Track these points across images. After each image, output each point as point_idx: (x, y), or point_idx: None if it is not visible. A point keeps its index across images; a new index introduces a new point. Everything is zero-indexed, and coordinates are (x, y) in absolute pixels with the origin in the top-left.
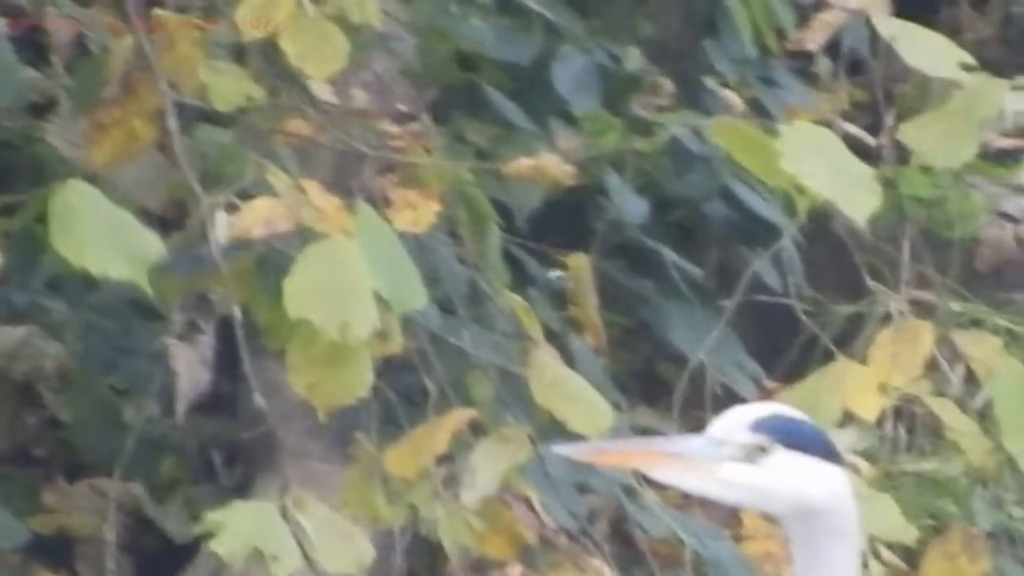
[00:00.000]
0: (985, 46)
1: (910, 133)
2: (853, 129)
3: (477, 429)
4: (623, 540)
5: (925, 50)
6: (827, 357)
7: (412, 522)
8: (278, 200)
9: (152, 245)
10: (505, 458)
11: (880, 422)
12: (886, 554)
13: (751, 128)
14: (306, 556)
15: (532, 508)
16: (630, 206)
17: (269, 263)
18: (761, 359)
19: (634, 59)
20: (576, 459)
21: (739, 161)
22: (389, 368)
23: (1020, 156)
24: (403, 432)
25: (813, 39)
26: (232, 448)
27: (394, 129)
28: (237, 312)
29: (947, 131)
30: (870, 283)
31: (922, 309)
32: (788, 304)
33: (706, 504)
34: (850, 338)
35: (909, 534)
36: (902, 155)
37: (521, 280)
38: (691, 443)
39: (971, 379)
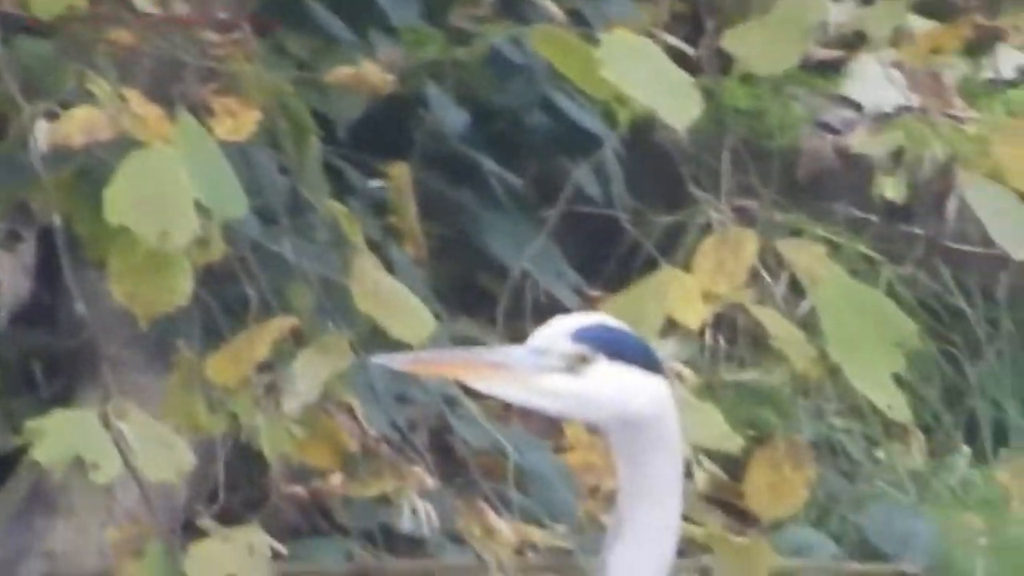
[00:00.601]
0: None
1: (732, 41)
2: (674, 40)
3: (298, 338)
4: (444, 450)
5: None
6: (650, 266)
7: (233, 430)
8: (99, 109)
9: None
10: (326, 367)
11: (702, 331)
12: (709, 464)
13: (572, 37)
14: (127, 463)
15: (354, 417)
16: (450, 116)
17: (90, 172)
18: (583, 269)
19: None
20: (397, 369)
21: (560, 71)
22: (210, 277)
23: (841, 67)
24: (224, 341)
25: None
26: (53, 358)
27: (215, 38)
28: (58, 221)
29: (770, 39)
30: (692, 192)
31: (744, 218)
32: (610, 214)
33: (527, 415)
34: (672, 248)
35: (733, 443)
36: (724, 66)
37: (342, 190)
38: (512, 353)
39: (794, 289)
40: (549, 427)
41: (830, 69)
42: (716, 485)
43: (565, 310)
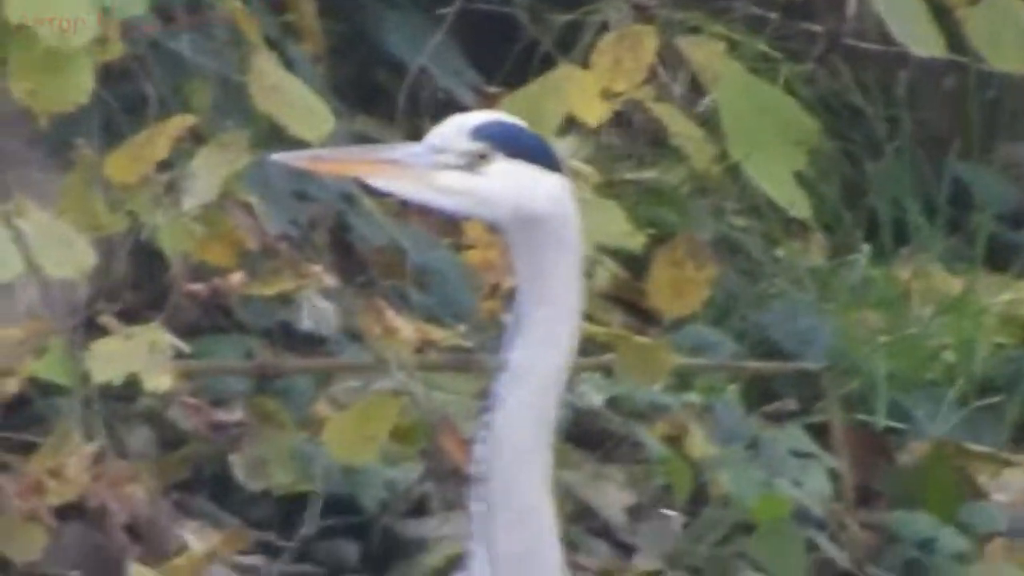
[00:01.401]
0: None
1: None
2: None
3: (197, 136)
4: (343, 248)
5: None
6: (548, 64)
7: (133, 229)
8: None
9: None
10: (225, 165)
11: (602, 129)
12: (610, 262)
13: None
14: (27, 261)
15: (252, 215)
16: None
17: None
18: (481, 67)
19: None
20: (295, 166)
21: None
22: (109, 76)
23: None
24: (123, 140)
25: None
26: None
27: None
28: None
29: None
30: None
31: (643, 16)
32: (508, 11)
33: (427, 213)
34: (571, 45)
35: (634, 241)
36: None
37: None
38: (410, 151)
39: (694, 87)
40: (449, 226)
41: None
42: (617, 284)
43: (463, 108)
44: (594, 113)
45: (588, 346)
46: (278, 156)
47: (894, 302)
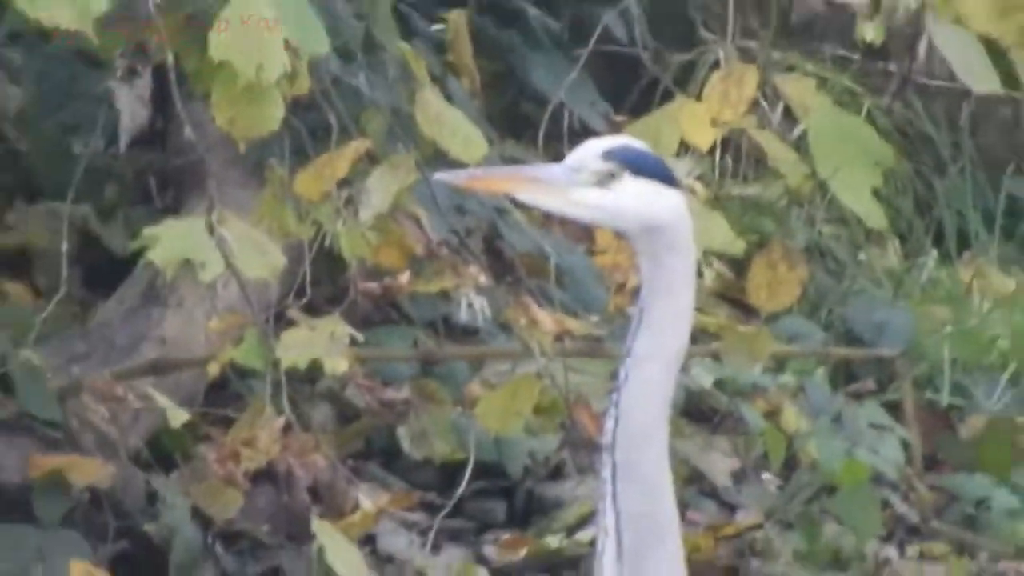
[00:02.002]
0: None
1: None
2: None
3: (372, 158)
4: (495, 253)
5: None
6: (666, 97)
7: (317, 236)
8: None
9: (101, 3)
10: (395, 182)
11: (712, 152)
12: (717, 264)
13: None
14: (228, 264)
15: (419, 225)
16: None
17: (196, 16)
18: (611, 99)
19: None
20: (455, 184)
21: None
22: (298, 106)
23: None
24: (310, 160)
25: None
26: (165, 175)
27: None
28: (170, 59)
29: None
30: (703, 34)
31: (746, 57)
32: (633, 52)
33: (564, 223)
34: (686, 81)
35: (737, 247)
36: None
37: (408, 33)
38: (551, 170)
39: (788, 116)
40: (583, 233)
41: None
42: (723, 283)
43: (595, 134)
44: (705, 138)
45: (699, 335)
46: (440, 175)
47: (957, 298)
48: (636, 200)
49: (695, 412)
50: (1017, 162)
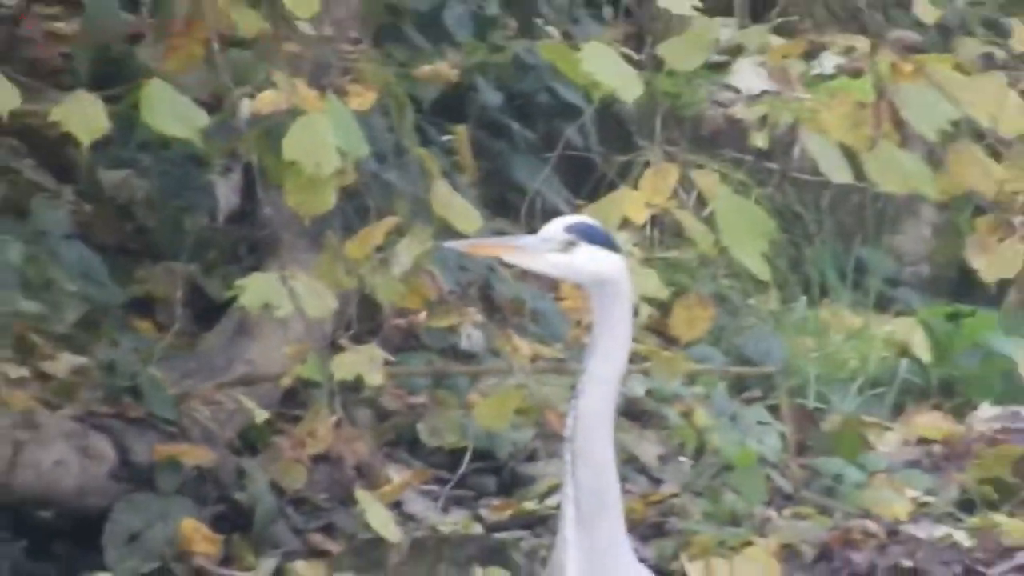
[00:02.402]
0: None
1: (663, 49)
2: (626, 49)
3: (400, 231)
4: (487, 299)
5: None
6: (612, 187)
7: (361, 287)
8: (279, 92)
9: (203, 119)
10: (416, 248)
11: (644, 226)
12: (648, 307)
13: (564, 47)
14: (296, 306)
15: (433, 278)
16: (490, 97)
17: (273, 129)
18: (572, 189)
19: (492, 6)
20: (460, 250)
21: (558, 68)
22: (346, 193)
23: (728, 66)
24: (355, 232)
25: None
26: (251, 242)
27: (349, 48)
28: (255, 160)
29: (685, 49)
30: (638, 141)
31: (669, 157)
32: (588, 155)
33: (538, 277)
34: (626, 176)
35: (662, 294)
36: (657, 65)
37: (425, 141)
38: (528, 240)
39: (700, 201)
40: (551, 285)
41: (721, 67)
42: (652, 320)
43: (560, 213)
44: (640, 217)
45: (635, 357)
46: (449, 244)
47: (819, 331)
48: (589, 261)
49: (632, 413)
50: (863, 234)
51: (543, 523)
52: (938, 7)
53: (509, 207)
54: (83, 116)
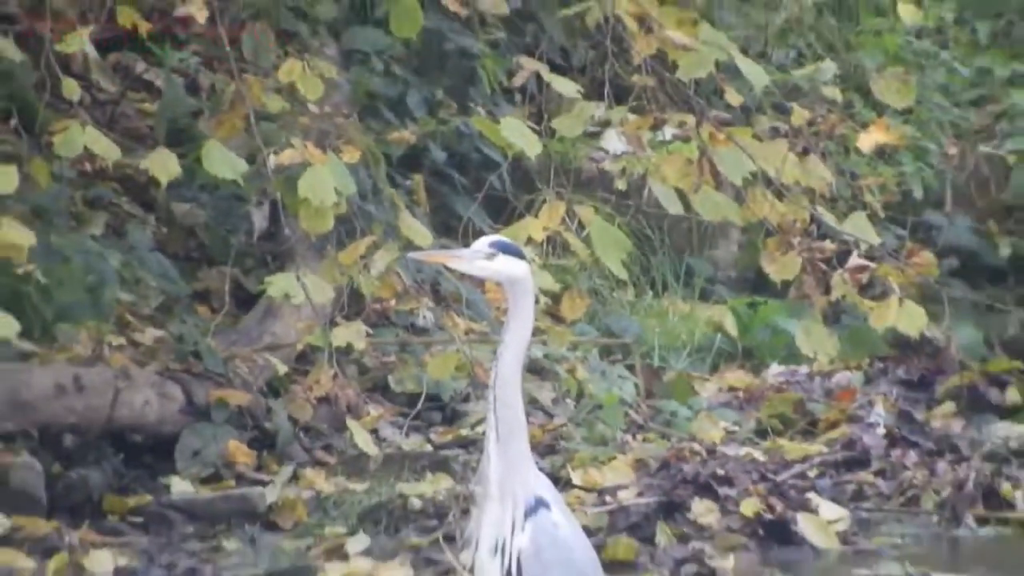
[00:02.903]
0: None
1: (556, 123)
2: (530, 123)
3: (377, 245)
4: (436, 292)
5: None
6: (521, 216)
7: (350, 283)
8: (295, 150)
9: (243, 167)
10: (388, 257)
11: (543, 243)
12: (544, 297)
13: (489, 121)
14: (306, 295)
15: (399, 277)
16: (438, 155)
17: (292, 176)
18: (494, 218)
19: (439, 93)
20: (418, 259)
21: (484, 134)
22: (340, 219)
23: (599, 134)
24: (347, 245)
25: (519, 79)
26: (276, 253)
27: (341, 121)
28: (279, 196)
29: (571, 123)
30: (538, 184)
31: (559, 197)
32: (505, 195)
33: (471, 278)
34: (530, 208)
35: (554, 288)
36: (551, 132)
37: (395, 184)
38: (464, 251)
39: (580, 226)
40: (480, 283)
41: (595, 135)
42: (547, 306)
43: (486, 234)
44: (539, 236)
45: (536, 331)
46: (411, 255)
47: (661, 315)
48: (506, 266)
49: (534, 369)
50: (691, 248)
51: (473, 444)
52: (740, 95)
53: (451, 230)
54: (162, 165)
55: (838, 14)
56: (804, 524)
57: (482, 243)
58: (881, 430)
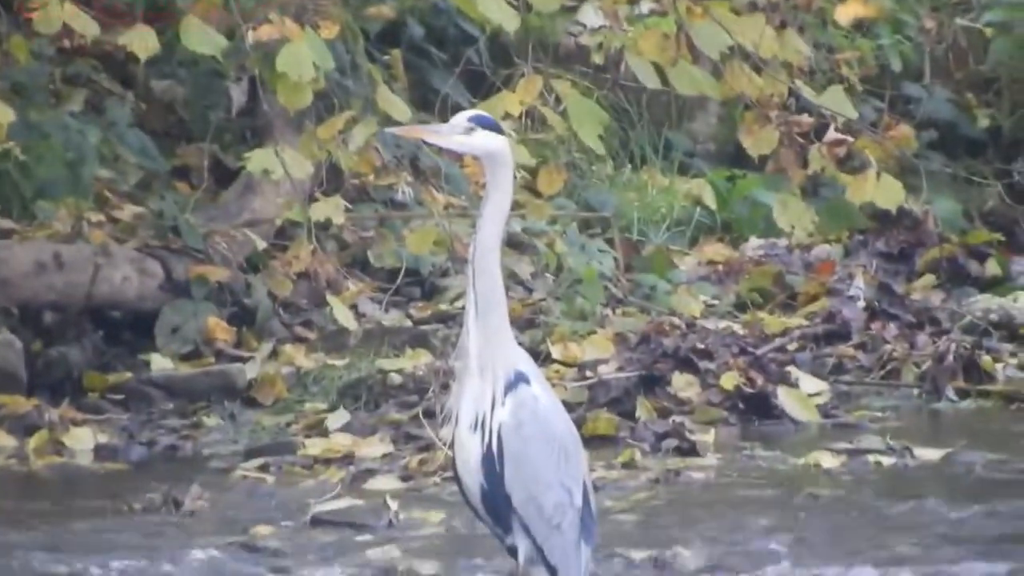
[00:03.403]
0: None
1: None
2: None
3: (355, 120)
4: (415, 167)
5: None
6: (499, 91)
7: (329, 158)
8: (273, 26)
9: (221, 42)
10: (367, 132)
11: (520, 117)
12: (522, 172)
13: None
14: (285, 170)
15: (378, 152)
16: (416, 30)
17: (270, 52)
18: (472, 92)
19: None
20: (396, 133)
21: (462, 9)
22: (319, 94)
23: (576, 8)
24: (324, 121)
25: None
26: (255, 129)
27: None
28: (257, 72)
29: None
30: (516, 59)
31: (537, 71)
32: (483, 70)
33: (449, 153)
34: (508, 84)
35: (532, 163)
36: (529, 8)
37: (372, 59)
38: (443, 127)
39: (557, 100)
40: (458, 157)
41: (572, 9)
42: (525, 181)
43: (464, 109)
44: (516, 110)
45: (515, 205)
46: (389, 129)
47: (640, 189)
48: (484, 140)
49: (513, 243)
50: (669, 122)
51: (453, 319)
52: None
53: (429, 105)
54: (141, 41)
55: None
56: (784, 398)
57: (460, 118)
58: (861, 303)
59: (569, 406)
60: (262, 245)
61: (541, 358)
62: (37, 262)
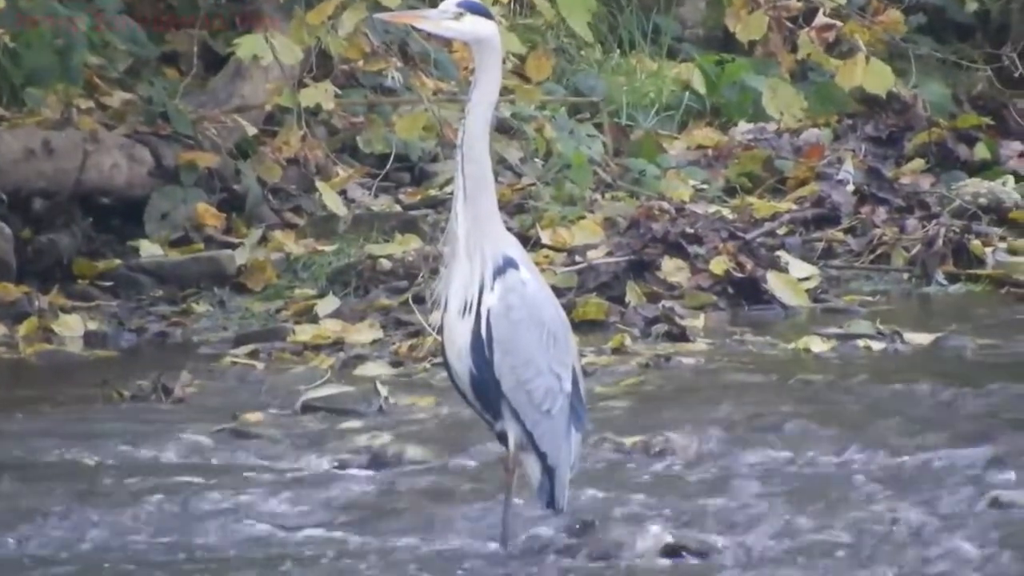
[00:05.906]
0: None
1: None
2: None
3: (345, 5)
4: (404, 52)
5: None
6: None
7: (318, 43)
8: None
9: None
10: (356, 17)
11: (510, 2)
12: (512, 58)
13: None
14: (274, 55)
15: (368, 37)
16: None
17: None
18: None
19: None
20: (385, 19)
21: None
22: None
23: None
24: (314, 6)
25: None
26: (244, 14)
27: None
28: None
29: None
30: None
31: None
32: None
33: (439, 39)
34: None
35: (520, 48)
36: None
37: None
38: (432, 12)
39: None
40: (447, 43)
41: None
42: (514, 66)
43: None
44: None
45: (504, 91)
46: (378, 15)
47: (629, 72)
48: (473, 26)
49: (502, 128)
50: (658, 7)
51: (442, 204)
52: None
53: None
54: None
55: None
56: (774, 282)
57: (449, 3)
58: (850, 187)
59: (558, 291)
60: (251, 131)
61: (531, 243)
62: (26, 149)
